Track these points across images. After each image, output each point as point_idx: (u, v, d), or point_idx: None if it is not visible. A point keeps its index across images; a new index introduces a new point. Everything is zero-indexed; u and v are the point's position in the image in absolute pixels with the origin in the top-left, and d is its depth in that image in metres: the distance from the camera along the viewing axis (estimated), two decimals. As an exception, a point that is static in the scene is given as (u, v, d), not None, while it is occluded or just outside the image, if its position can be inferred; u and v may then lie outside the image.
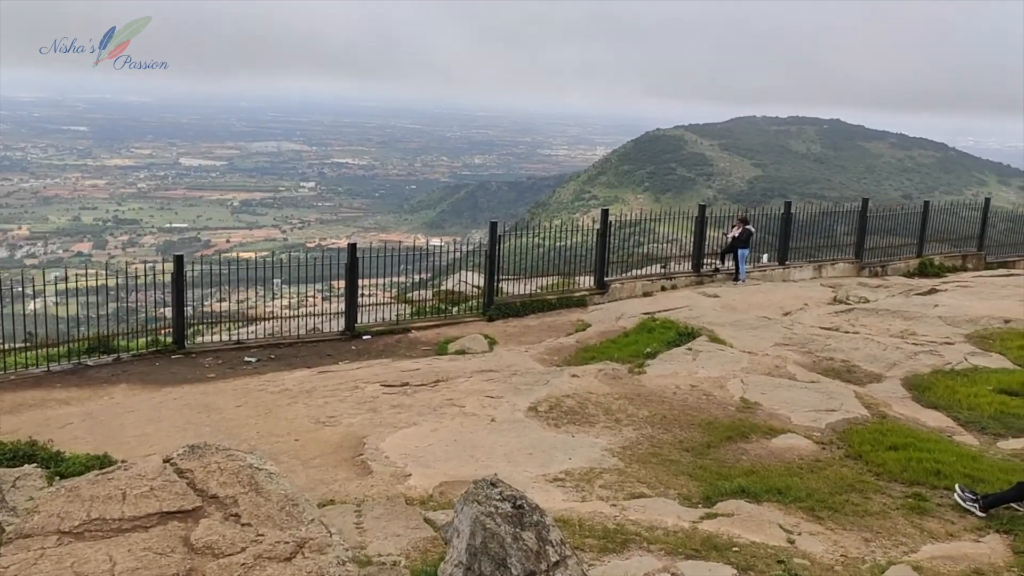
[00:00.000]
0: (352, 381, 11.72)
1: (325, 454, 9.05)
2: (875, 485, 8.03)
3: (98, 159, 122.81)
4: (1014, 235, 24.22)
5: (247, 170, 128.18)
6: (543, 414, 10.06)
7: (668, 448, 9.05)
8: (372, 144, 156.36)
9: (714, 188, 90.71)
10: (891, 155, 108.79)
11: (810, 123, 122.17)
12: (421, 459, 8.75)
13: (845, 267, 20.68)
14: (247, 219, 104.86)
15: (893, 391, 11.00)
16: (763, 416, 10.01)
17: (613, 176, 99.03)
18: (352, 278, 15.25)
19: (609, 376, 11.48)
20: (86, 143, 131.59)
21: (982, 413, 10.00)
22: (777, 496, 7.66)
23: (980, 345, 12.85)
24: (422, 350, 14.39)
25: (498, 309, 16.41)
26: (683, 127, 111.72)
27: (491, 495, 4.85)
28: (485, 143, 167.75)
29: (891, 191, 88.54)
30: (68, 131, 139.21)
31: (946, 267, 21.42)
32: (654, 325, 14.30)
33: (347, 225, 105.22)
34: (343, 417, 10.19)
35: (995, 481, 7.91)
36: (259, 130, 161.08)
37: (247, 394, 11.39)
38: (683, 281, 18.75)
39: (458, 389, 11.18)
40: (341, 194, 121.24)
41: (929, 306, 15.48)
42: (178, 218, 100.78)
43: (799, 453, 8.89)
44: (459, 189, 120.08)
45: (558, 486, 8.08)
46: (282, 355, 14.17)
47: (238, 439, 9.53)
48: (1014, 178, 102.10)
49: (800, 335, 13.53)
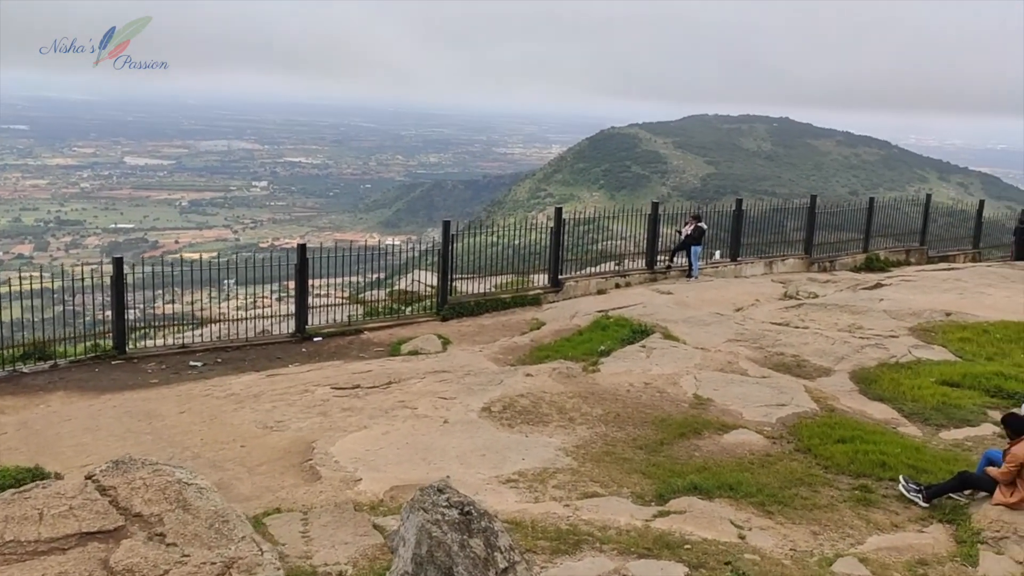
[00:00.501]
0: (302, 384, 11.51)
1: (272, 460, 8.85)
2: (823, 478, 8.13)
3: (39, 158, 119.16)
4: (954, 230, 24.87)
5: (196, 169, 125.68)
6: (497, 414, 9.99)
7: (622, 446, 9.05)
8: (326, 143, 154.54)
9: (668, 185, 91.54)
10: (838, 152, 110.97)
11: (761, 121, 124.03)
12: (372, 463, 8.62)
13: (795, 263, 20.98)
14: (197, 219, 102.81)
15: (841, 385, 11.16)
16: (716, 412, 10.08)
17: (568, 174, 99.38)
18: (302, 279, 14.99)
19: (563, 375, 11.45)
20: (27, 142, 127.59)
21: (925, 405, 10.20)
22: (729, 492, 7.70)
23: (923, 338, 13.12)
24: (375, 351, 14.20)
25: (452, 308, 16.29)
26: (637, 125, 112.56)
27: (438, 502, 4.76)
28: (440, 142, 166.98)
29: (838, 187, 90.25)
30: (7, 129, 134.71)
31: (891, 262, 21.88)
32: (608, 323, 14.31)
33: (301, 225, 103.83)
34: (292, 422, 9.99)
35: (938, 471, 8.06)
36: (208, 128, 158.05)
37: (191, 400, 11.11)
38: (637, 278, 18.82)
39: (411, 391, 11.05)
40: (294, 193, 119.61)
41: (875, 300, 15.76)
42: (124, 219, 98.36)
43: (750, 448, 8.96)
44: (415, 188, 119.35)
45: (511, 487, 8.02)
46: (229, 359, 13.86)
47: (180, 447, 9.29)
48: (953, 175, 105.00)
49: (752, 331, 13.67)
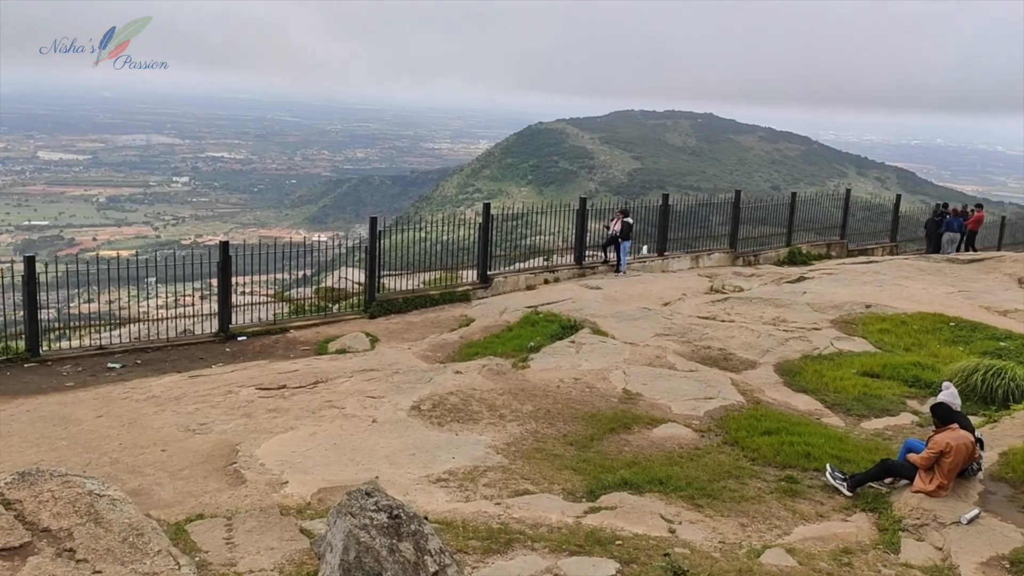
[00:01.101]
0: (225, 385, 11.16)
1: (195, 464, 8.54)
2: (751, 470, 8.26)
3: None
4: (872, 223, 25.74)
5: (114, 164, 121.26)
6: (426, 413, 9.86)
7: (552, 443, 9.03)
8: (249, 137, 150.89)
9: (595, 180, 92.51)
10: (760, 148, 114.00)
11: (685, 117, 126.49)
12: (299, 465, 8.40)
13: (721, 257, 21.40)
14: (115, 216, 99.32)
15: (766, 377, 11.39)
16: (645, 407, 10.15)
17: (497, 169, 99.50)
18: (225, 278, 14.54)
19: (493, 372, 11.38)
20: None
21: (847, 395, 10.50)
22: (659, 486, 7.76)
23: (844, 330, 13.51)
24: (301, 350, 13.88)
25: (380, 306, 16.05)
26: (564, 120, 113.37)
27: (366, 506, 4.63)
28: (367, 137, 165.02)
29: (761, 182, 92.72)
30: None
31: (813, 255, 22.52)
32: (538, 319, 14.31)
33: (224, 221, 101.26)
34: (215, 424, 9.66)
35: (860, 460, 8.28)
36: (126, 122, 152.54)
37: (109, 403, 10.65)
38: (566, 274, 18.89)
39: (338, 390, 10.83)
40: (217, 189, 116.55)
41: (798, 293, 16.18)
42: (38, 215, 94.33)
43: (679, 442, 9.05)
44: (341, 183, 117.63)
45: (441, 487, 7.92)
46: (150, 360, 13.36)
47: (98, 452, 8.89)
48: (870, 169, 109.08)
49: (679, 325, 13.85)
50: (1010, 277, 17.95)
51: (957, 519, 7.01)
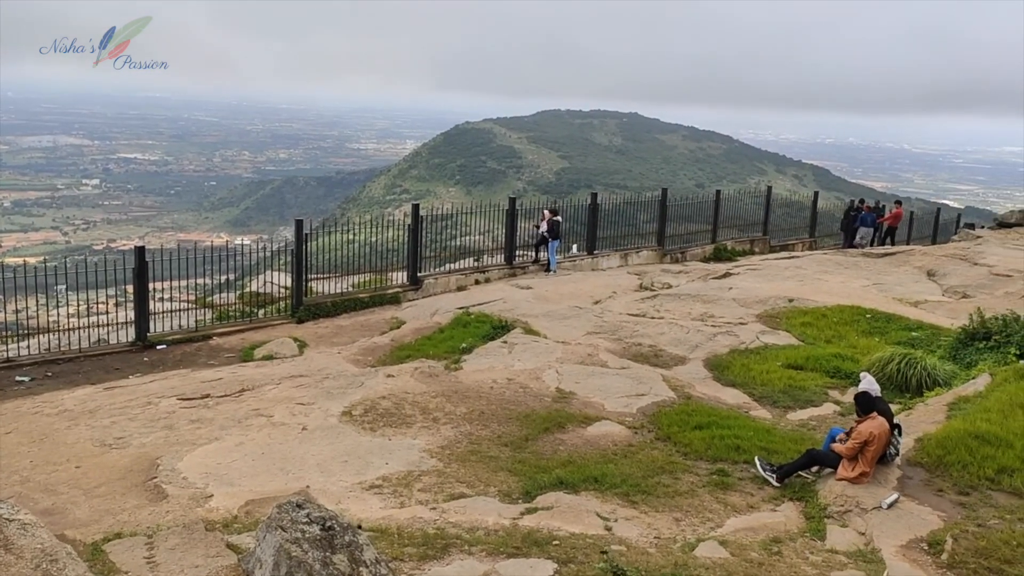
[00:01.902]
0: (144, 396, 10.71)
1: (112, 480, 8.16)
2: (683, 465, 8.35)
3: None
4: (792, 219, 26.51)
5: (18, 167, 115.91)
6: (358, 418, 9.67)
7: (487, 444, 8.96)
8: (164, 138, 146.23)
9: (523, 180, 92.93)
10: (684, 146, 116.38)
11: (611, 116, 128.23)
12: (224, 477, 8.11)
13: (649, 254, 21.68)
14: (21, 221, 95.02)
15: (696, 372, 11.57)
16: (578, 405, 10.18)
17: (424, 170, 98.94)
18: (141, 284, 13.98)
19: (425, 374, 11.25)
20: None
21: (773, 388, 10.74)
22: (594, 484, 7.76)
23: (769, 324, 13.84)
24: (225, 358, 13.46)
25: (308, 310, 15.70)
26: (492, 120, 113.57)
27: (297, 518, 4.47)
28: (290, 137, 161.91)
29: (685, 180, 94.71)
30: None
31: (737, 251, 23.03)
32: (469, 319, 14.23)
33: (139, 225, 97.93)
34: (133, 437, 9.26)
35: (787, 451, 8.47)
36: (30, 123, 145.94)
37: (18, 419, 10.10)
38: (496, 274, 18.85)
39: (266, 398, 10.52)
40: (131, 192, 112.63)
41: (725, 289, 16.50)
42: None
43: (613, 439, 9.09)
44: (264, 185, 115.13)
45: (375, 493, 7.76)
46: (62, 372, 12.74)
47: (7, 471, 8.41)
48: (789, 167, 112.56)
49: (610, 323, 13.95)
50: (919, 270, 18.72)
51: (878, 504, 7.22)
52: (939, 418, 8.91)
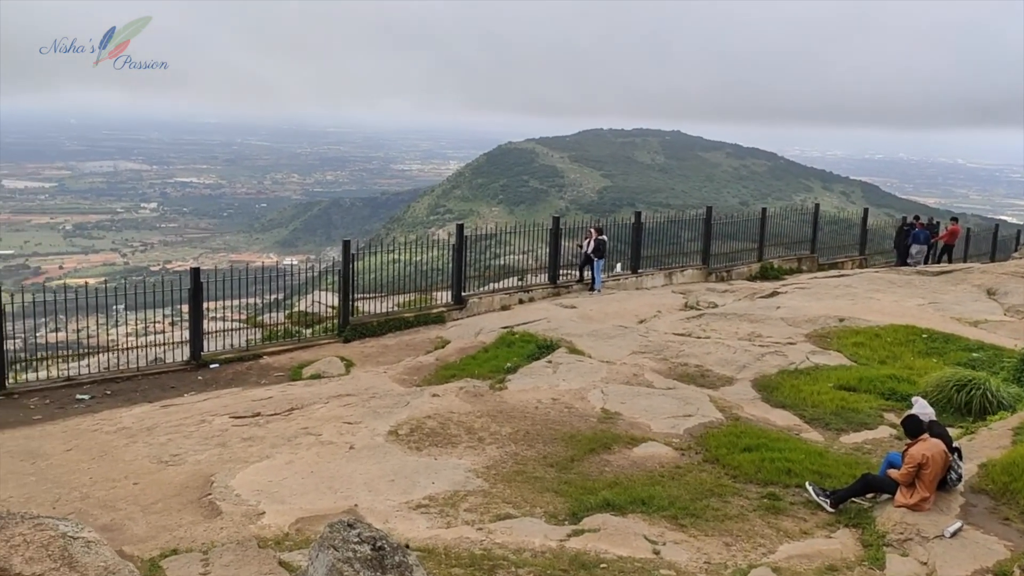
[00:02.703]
0: (198, 414, 10.95)
1: (168, 497, 8.34)
2: (732, 488, 8.23)
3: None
4: (841, 237, 26.06)
5: (80, 192, 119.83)
6: (404, 437, 9.73)
7: (532, 465, 8.95)
8: (218, 162, 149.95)
9: (566, 199, 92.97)
10: (728, 164, 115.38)
11: (653, 135, 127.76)
12: (275, 495, 8.24)
13: (693, 273, 21.51)
14: (82, 243, 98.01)
15: (744, 393, 11.41)
16: (624, 426, 10.11)
17: (467, 189, 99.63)
18: (196, 304, 14.32)
19: (470, 394, 11.29)
20: None
21: (825, 410, 10.53)
22: (641, 507, 7.69)
23: (819, 344, 13.59)
24: (275, 376, 13.69)
25: (354, 329, 15.89)
26: (534, 140, 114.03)
27: (348, 538, 4.51)
28: (337, 159, 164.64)
29: (729, 198, 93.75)
30: None
31: (784, 270, 22.72)
32: (513, 339, 14.25)
33: (194, 246, 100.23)
34: (188, 455, 9.46)
35: (841, 476, 8.29)
36: (92, 149, 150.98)
37: (79, 436, 10.40)
38: (540, 293, 18.87)
39: (314, 416, 10.66)
40: (186, 214, 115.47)
41: (772, 308, 16.27)
42: (2, 244, 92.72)
43: (660, 461, 9.01)
44: (312, 206, 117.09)
45: (422, 513, 7.80)
46: (120, 390, 13.09)
47: (68, 487, 8.66)
48: (836, 184, 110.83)
49: (655, 342, 13.86)
50: (978, 288, 18.22)
51: (940, 533, 7.01)
52: (1004, 443, 8.60)
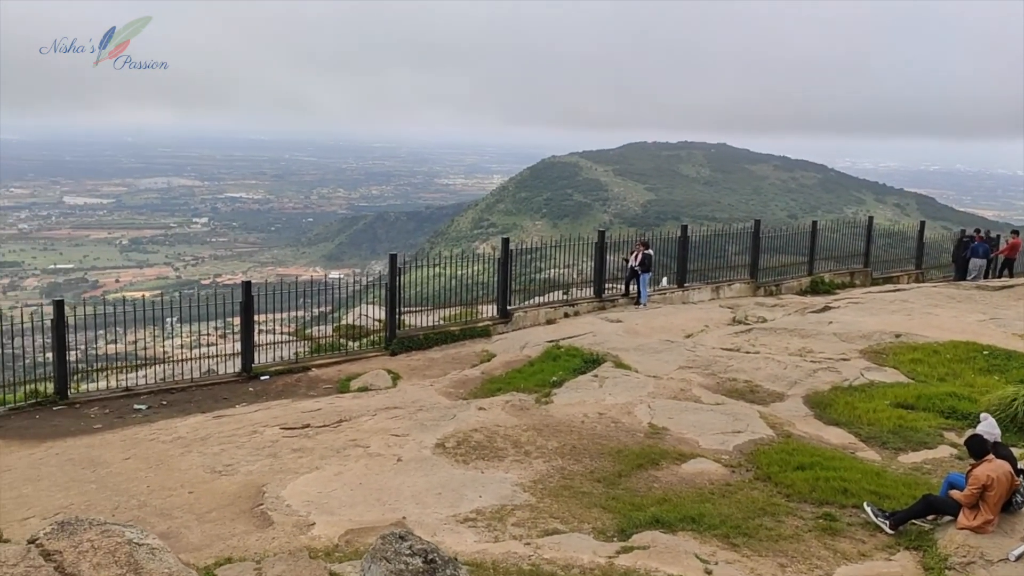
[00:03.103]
0: (250, 425, 11.12)
1: (222, 506, 8.48)
2: (786, 507, 8.05)
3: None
4: (895, 250, 25.47)
5: (136, 207, 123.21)
6: (451, 450, 9.75)
7: (580, 479, 8.88)
8: (266, 177, 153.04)
9: (610, 212, 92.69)
10: (775, 177, 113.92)
11: (698, 147, 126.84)
12: (325, 506, 8.31)
13: (741, 287, 21.22)
14: (137, 257, 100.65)
15: (796, 409, 11.19)
16: (672, 441, 9.99)
17: (511, 203, 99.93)
18: (247, 317, 14.57)
19: (516, 407, 11.27)
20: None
21: (882, 428, 10.26)
22: (691, 524, 7.57)
23: (875, 360, 13.27)
24: (323, 389, 13.84)
25: (401, 343, 16.00)
26: (577, 154, 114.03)
27: (400, 550, 4.53)
28: (382, 174, 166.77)
29: (777, 211, 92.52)
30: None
31: (836, 284, 22.28)
32: (559, 353, 14.20)
33: (243, 260, 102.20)
34: (241, 465, 9.60)
35: (900, 496, 8.06)
36: (148, 166, 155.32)
37: (136, 445, 10.64)
38: (586, 307, 18.79)
39: (362, 428, 10.75)
40: (236, 229, 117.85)
41: (824, 323, 15.95)
42: (63, 259, 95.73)
43: (709, 478, 8.87)
44: (357, 220, 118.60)
45: (469, 526, 7.79)
46: (175, 400, 13.36)
47: (126, 495, 8.87)
48: (889, 196, 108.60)
49: (703, 357, 13.69)
50: (1041, 303, 17.66)
51: (1005, 556, 6.78)
52: (1072, 464, 8.30)
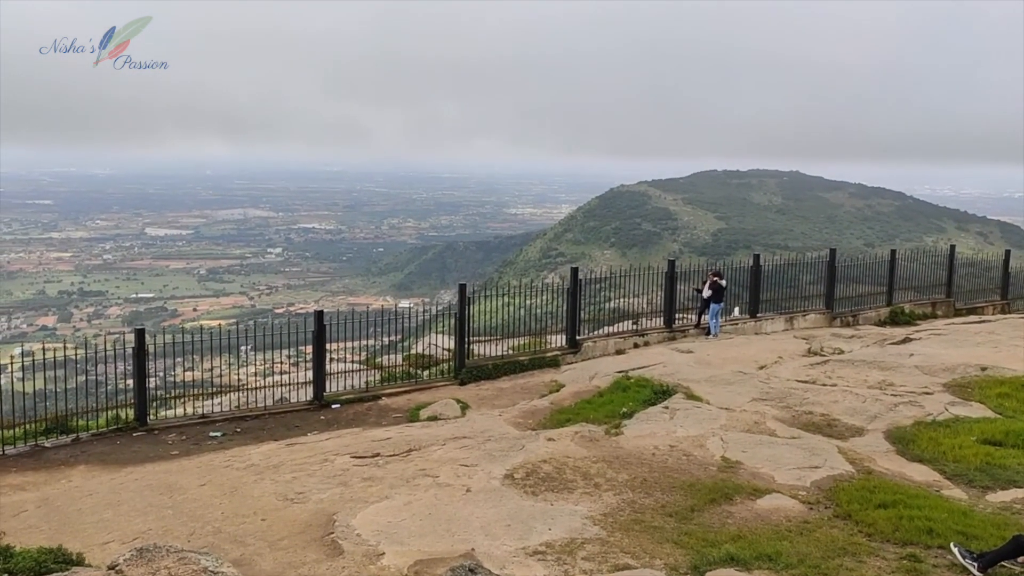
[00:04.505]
0: (321, 453, 11.29)
1: (294, 534, 8.59)
2: (867, 547, 7.74)
3: (63, 231, 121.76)
4: (978, 280, 24.50)
5: (213, 238, 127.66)
6: (520, 481, 9.70)
7: (651, 514, 8.72)
8: (338, 208, 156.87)
9: (679, 241, 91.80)
10: (851, 204, 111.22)
11: (770, 175, 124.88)
12: (394, 535, 8.34)
13: (816, 318, 20.70)
14: (214, 287, 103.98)
15: (876, 445, 10.79)
16: (746, 475, 9.74)
17: (579, 233, 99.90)
18: (320, 346, 14.88)
19: (586, 439, 11.17)
20: (51, 216, 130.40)
21: (968, 465, 9.80)
22: (768, 563, 7.34)
23: (959, 394, 12.73)
24: (393, 417, 13.98)
25: (470, 372, 16.09)
26: (646, 183, 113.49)
27: (470, 583, 4.52)
28: (451, 204, 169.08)
29: (853, 240, 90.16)
30: (33, 205, 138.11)
31: (917, 315, 21.54)
32: (629, 383, 14.06)
33: (315, 289, 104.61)
34: (312, 493, 9.74)
35: (988, 537, 7.67)
36: (225, 198, 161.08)
37: (211, 471, 10.90)
38: (655, 337, 18.59)
39: (431, 458, 10.79)
40: (308, 259, 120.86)
41: (904, 355, 15.40)
42: (144, 288, 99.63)
43: (786, 514, 8.60)
44: (426, 250, 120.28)
45: (539, 560, 7.71)
46: (249, 428, 13.68)
47: (201, 521, 9.07)
48: (971, 224, 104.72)
49: (777, 389, 13.36)
50: None
51: (1104, 603, 6.37)
52: None
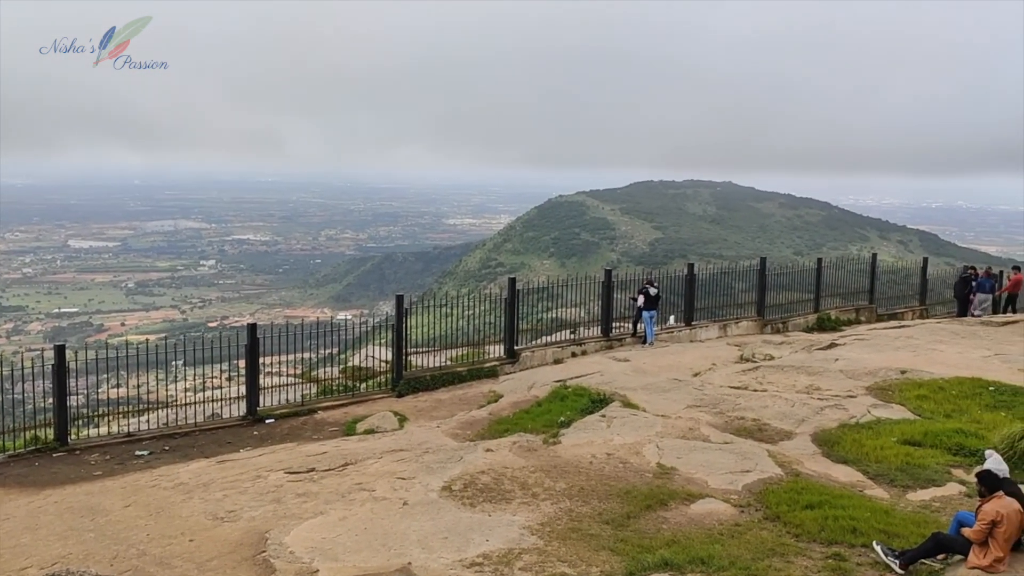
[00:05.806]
0: (254, 470, 11.05)
1: (223, 554, 8.39)
2: (795, 547, 7.94)
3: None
4: (898, 287, 25.46)
5: (142, 250, 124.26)
6: (458, 493, 9.67)
7: (588, 522, 8.79)
8: (274, 219, 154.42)
9: (617, 251, 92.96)
10: (781, 214, 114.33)
11: (704, 186, 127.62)
12: (329, 552, 8.22)
13: (748, 325, 21.18)
14: (143, 300, 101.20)
15: (804, 448, 11.09)
16: (680, 481, 9.90)
17: (518, 243, 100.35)
18: (253, 360, 14.57)
19: (524, 448, 11.20)
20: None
21: (889, 465, 10.15)
22: (701, 566, 7.47)
23: (881, 397, 13.19)
24: (329, 431, 13.78)
25: (408, 384, 15.98)
26: (584, 193, 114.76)
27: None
28: (390, 215, 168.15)
29: (783, 248, 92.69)
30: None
31: (842, 321, 22.23)
32: (567, 393, 14.15)
33: (250, 302, 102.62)
34: (244, 511, 9.52)
35: (909, 535, 7.95)
36: (155, 209, 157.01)
37: (137, 492, 10.56)
38: (593, 346, 18.76)
39: (368, 472, 10.67)
40: (243, 271, 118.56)
41: (831, 360, 15.89)
42: (67, 302, 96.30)
43: (718, 518, 8.77)
44: (365, 261, 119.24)
45: (476, 572, 7.69)
46: (178, 446, 13.31)
47: (125, 544, 8.78)
48: (893, 233, 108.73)
49: (711, 396, 13.62)
50: (1047, 338, 17.56)
51: (1018, 596, 6.66)
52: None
